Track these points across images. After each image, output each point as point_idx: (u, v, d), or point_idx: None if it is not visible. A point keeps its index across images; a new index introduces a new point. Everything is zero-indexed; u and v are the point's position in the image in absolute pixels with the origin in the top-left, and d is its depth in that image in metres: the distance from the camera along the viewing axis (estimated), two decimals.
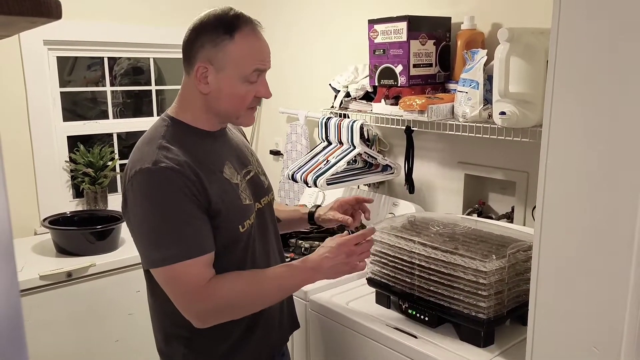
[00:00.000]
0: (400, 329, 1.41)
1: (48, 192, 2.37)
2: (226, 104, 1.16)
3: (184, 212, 1.07)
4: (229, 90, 1.14)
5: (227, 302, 1.12)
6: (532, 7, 1.69)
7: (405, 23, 1.78)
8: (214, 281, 1.10)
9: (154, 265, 1.09)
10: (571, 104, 0.93)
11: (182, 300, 1.10)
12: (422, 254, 1.39)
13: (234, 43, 1.12)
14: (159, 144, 1.11)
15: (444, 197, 2.04)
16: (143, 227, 1.10)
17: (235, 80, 1.14)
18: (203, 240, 1.10)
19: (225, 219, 1.14)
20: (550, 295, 1.01)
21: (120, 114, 2.76)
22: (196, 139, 1.18)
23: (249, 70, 1.14)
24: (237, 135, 1.35)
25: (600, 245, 0.92)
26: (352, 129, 2.02)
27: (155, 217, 1.08)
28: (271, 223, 1.33)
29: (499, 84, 1.48)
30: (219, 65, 1.13)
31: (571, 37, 0.92)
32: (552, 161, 0.97)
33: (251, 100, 1.18)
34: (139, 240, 1.12)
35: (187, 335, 1.19)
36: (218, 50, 1.12)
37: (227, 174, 1.18)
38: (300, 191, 2.50)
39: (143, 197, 1.08)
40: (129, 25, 2.52)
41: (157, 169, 1.06)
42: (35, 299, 1.88)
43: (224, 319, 1.14)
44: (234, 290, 1.12)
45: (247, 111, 1.20)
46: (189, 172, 1.09)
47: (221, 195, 1.14)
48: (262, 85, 1.19)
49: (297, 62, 2.61)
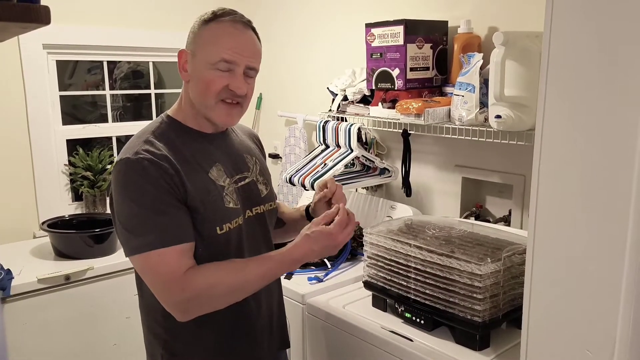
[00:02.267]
0: (396, 332, 1.41)
1: (47, 196, 2.38)
2: (196, 90, 1.17)
3: (160, 201, 1.08)
4: (197, 75, 1.15)
5: (207, 293, 1.09)
6: (527, 11, 1.70)
7: (402, 27, 1.79)
8: (191, 270, 1.09)
9: (131, 253, 1.10)
10: (564, 108, 0.94)
11: (160, 290, 1.09)
12: (419, 257, 1.39)
13: (207, 28, 1.15)
14: (146, 138, 1.14)
15: (441, 200, 2.05)
16: (121, 215, 1.10)
17: (203, 65, 1.14)
18: (180, 229, 1.10)
19: (202, 217, 1.14)
20: (544, 299, 1.01)
21: (120, 117, 2.77)
22: (187, 138, 1.19)
23: (216, 57, 1.12)
24: (242, 143, 1.33)
25: (594, 248, 0.92)
26: (349, 132, 2.03)
27: (132, 205, 1.08)
28: (263, 233, 1.30)
29: (495, 87, 1.49)
30: (193, 50, 1.16)
31: (563, 41, 0.92)
32: (545, 164, 0.98)
33: (220, 90, 1.14)
34: (118, 229, 1.13)
35: (165, 337, 1.19)
36: (195, 36, 1.16)
37: (213, 175, 1.18)
38: (299, 194, 2.50)
39: (122, 185, 1.10)
40: (128, 30, 2.53)
41: (136, 159, 1.09)
42: (34, 302, 1.88)
43: (204, 309, 1.12)
44: (215, 280, 1.10)
45: (217, 104, 1.15)
46: (167, 165, 1.10)
47: (201, 193, 1.14)
48: (235, 78, 1.15)
49: (295, 65, 2.62)
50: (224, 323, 1.20)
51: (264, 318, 1.28)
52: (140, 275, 1.14)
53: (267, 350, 1.30)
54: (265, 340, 1.29)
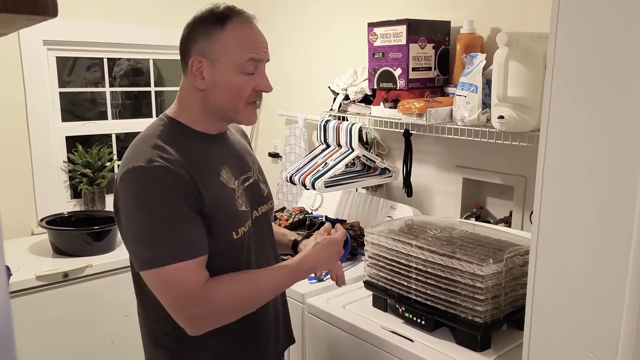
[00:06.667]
0: (397, 332, 1.41)
1: (46, 193, 2.37)
2: (223, 97, 1.12)
3: (176, 212, 1.03)
4: (224, 82, 1.11)
5: (223, 307, 1.08)
6: (531, 11, 1.70)
7: (404, 26, 1.79)
8: (209, 285, 1.06)
9: (144, 267, 1.04)
10: (569, 108, 0.93)
11: (175, 304, 1.05)
12: (420, 257, 1.38)
13: (225, 32, 1.09)
14: (154, 142, 1.09)
15: (442, 200, 2.04)
16: (133, 227, 1.05)
17: (230, 71, 1.11)
18: (196, 242, 1.06)
19: (219, 223, 1.11)
20: (547, 300, 1.00)
21: (119, 115, 2.76)
22: (192, 141, 1.14)
23: (243, 59, 1.10)
24: (239, 142, 1.31)
25: (597, 250, 0.92)
26: (350, 131, 2.02)
27: (146, 217, 1.03)
28: (268, 232, 1.29)
29: (498, 88, 1.48)
30: (213, 57, 1.10)
31: (569, 42, 0.92)
32: (549, 165, 0.97)
33: (250, 93, 1.13)
34: (129, 240, 1.08)
35: (173, 346, 1.16)
36: (210, 42, 1.09)
37: (223, 178, 1.15)
38: (299, 193, 2.50)
39: (135, 195, 1.05)
40: (128, 26, 2.52)
41: (150, 167, 1.03)
42: (32, 299, 1.88)
43: (217, 324, 1.10)
44: (232, 294, 1.08)
45: (246, 106, 1.15)
46: (183, 172, 1.05)
47: (216, 198, 1.11)
48: (261, 77, 1.14)
49: (297, 64, 2.61)
50: (232, 329, 1.17)
51: (271, 320, 1.27)
52: (152, 290, 1.07)
53: (274, 350, 1.30)
54: (272, 342, 1.28)
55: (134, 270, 1.13)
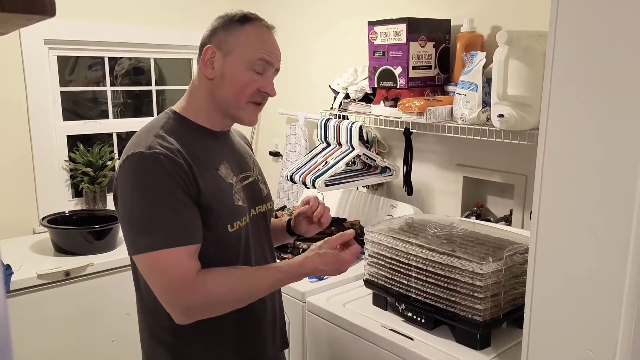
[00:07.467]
0: (397, 330, 1.41)
1: (47, 191, 2.38)
2: (228, 90, 1.15)
3: (173, 198, 1.05)
4: (232, 75, 1.14)
5: (214, 299, 1.08)
6: (531, 10, 1.69)
7: (404, 25, 1.78)
8: (203, 275, 1.06)
9: (137, 252, 1.05)
10: (568, 107, 0.93)
11: (166, 292, 1.05)
12: (420, 255, 1.39)
13: (244, 29, 1.15)
14: (157, 132, 1.11)
15: (443, 199, 2.04)
16: (129, 211, 1.07)
17: (240, 66, 1.14)
18: (191, 229, 1.07)
19: (215, 215, 1.12)
20: (546, 298, 1.01)
21: (121, 114, 2.76)
22: (195, 135, 1.17)
23: (255, 57, 1.14)
24: (241, 144, 1.33)
25: (596, 248, 0.92)
26: (351, 130, 2.02)
27: (142, 201, 1.05)
28: (265, 231, 1.30)
29: (498, 86, 1.48)
30: (227, 49, 1.14)
31: (568, 40, 0.92)
32: (548, 164, 0.97)
33: (253, 92, 1.16)
34: (125, 225, 1.09)
35: (170, 341, 1.16)
36: (228, 35, 1.15)
37: (222, 172, 1.17)
38: (299, 192, 2.50)
39: (133, 180, 1.06)
40: (130, 26, 2.52)
41: (150, 153, 1.05)
42: (33, 298, 1.88)
43: (208, 314, 1.10)
44: (224, 287, 1.09)
45: (248, 104, 1.17)
46: (182, 161, 1.07)
47: (213, 190, 1.12)
48: (268, 80, 1.18)
49: (297, 63, 2.61)
50: (232, 325, 1.19)
51: (269, 319, 1.28)
52: (144, 275, 1.09)
53: (272, 350, 1.30)
54: (270, 341, 1.29)
55: (134, 263, 1.14)
